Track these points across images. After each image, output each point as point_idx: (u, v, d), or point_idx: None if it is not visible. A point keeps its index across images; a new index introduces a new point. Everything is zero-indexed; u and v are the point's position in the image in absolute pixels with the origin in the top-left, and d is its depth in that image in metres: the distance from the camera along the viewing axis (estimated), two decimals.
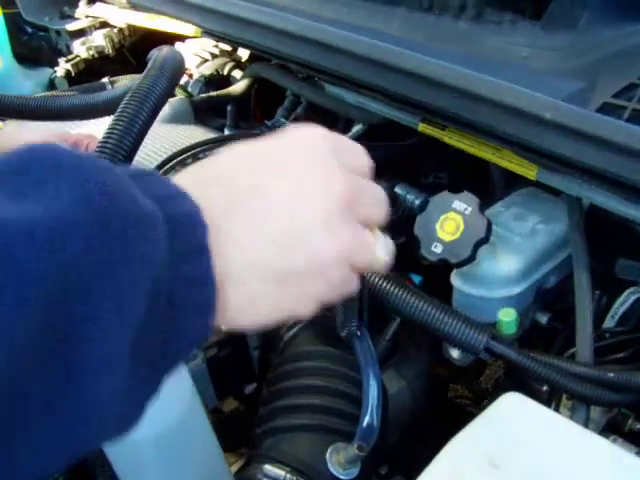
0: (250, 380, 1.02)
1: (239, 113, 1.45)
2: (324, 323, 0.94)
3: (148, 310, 0.40)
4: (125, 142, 0.66)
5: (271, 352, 1.03)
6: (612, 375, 0.82)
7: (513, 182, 1.15)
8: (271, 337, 1.02)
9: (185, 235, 0.43)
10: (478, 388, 1.84)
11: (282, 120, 1.35)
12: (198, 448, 0.83)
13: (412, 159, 1.31)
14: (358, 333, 0.85)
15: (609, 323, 1.00)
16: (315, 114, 1.40)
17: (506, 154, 1.00)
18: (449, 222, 0.91)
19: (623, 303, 0.98)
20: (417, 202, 1.14)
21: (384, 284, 0.87)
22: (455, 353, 1.01)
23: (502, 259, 0.96)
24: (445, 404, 1.35)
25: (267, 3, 1.06)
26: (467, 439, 0.60)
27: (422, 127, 1.08)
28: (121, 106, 0.70)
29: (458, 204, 0.92)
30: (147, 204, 0.42)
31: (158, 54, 0.77)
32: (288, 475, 0.84)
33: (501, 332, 0.88)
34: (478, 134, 0.97)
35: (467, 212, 0.91)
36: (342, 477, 0.85)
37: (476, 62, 0.88)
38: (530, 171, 0.97)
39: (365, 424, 0.82)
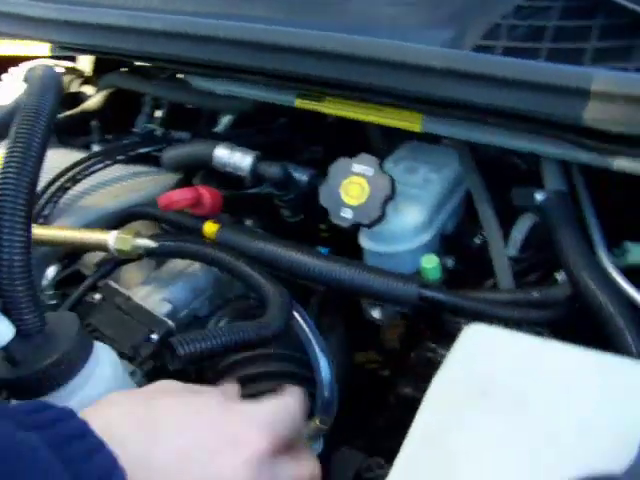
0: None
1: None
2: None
3: None
4: (26, 168, 0.63)
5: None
6: (537, 294, 0.86)
7: (391, 142, 1.18)
8: None
9: None
10: (389, 346, 1.88)
11: (148, 126, 1.31)
12: None
13: (285, 140, 1.32)
14: (294, 312, 0.85)
15: (511, 252, 1.06)
16: (179, 114, 1.38)
17: (388, 112, 1.03)
18: (353, 186, 0.93)
19: (520, 230, 1.04)
20: (305, 178, 1.15)
21: (306, 257, 0.87)
22: (376, 313, 1.03)
23: (406, 212, 0.98)
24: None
25: (122, 6, 1.03)
26: (446, 378, 0.62)
27: (299, 103, 1.09)
28: (13, 130, 0.66)
29: (358, 167, 0.94)
30: None
31: (34, 73, 0.73)
32: None
33: (427, 279, 0.90)
34: (358, 98, 1.00)
35: (369, 173, 0.93)
36: None
37: (347, 27, 0.89)
38: (415, 124, 1.00)
39: (323, 398, 0.83)
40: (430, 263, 0.90)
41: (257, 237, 0.93)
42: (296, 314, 0.86)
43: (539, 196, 0.96)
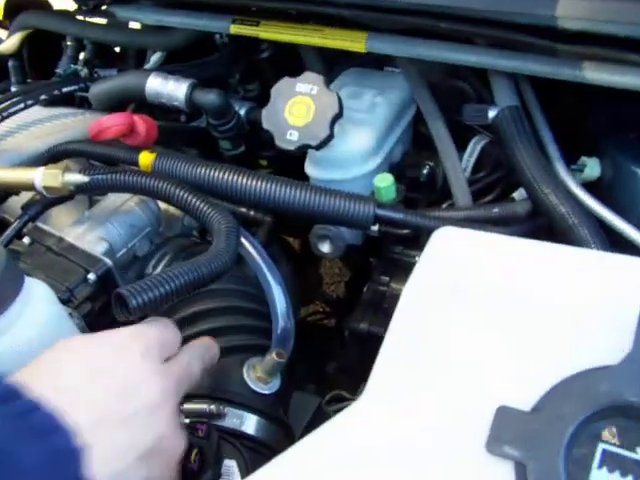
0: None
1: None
2: None
3: None
4: None
5: None
6: (497, 210, 0.83)
7: (331, 72, 1.12)
8: None
9: None
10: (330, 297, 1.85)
11: (73, 67, 1.22)
12: None
13: (219, 76, 1.24)
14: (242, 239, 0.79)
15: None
16: (105, 55, 1.29)
17: (330, 33, 0.97)
18: (297, 106, 0.87)
19: (472, 154, 1.01)
20: (243, 111, 1.09)
21: (255, 182, 0.81)
22: (325, 247, 0.98)
23: (353, 137, 0.93)
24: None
25: None
26: (421, 280, 0.58)
27: (234, 29, 1.02)
28: None
29: (302, 86, 0.88)
30: None
31: None
32: (212, 406, 0.77)
33: (382, 199, 0.86)
34: (296, 19, 0.94)
35: (314, 91, 0.87)
36: (266, 392, 0.80)
37: None
38: (358, 44, 0.95)
39: (279, 329, 0.77)
40: (384, 182, 0.85)
41: (200, 164, 0.86)
42: (244, 241, 0.80)
43: (492, 112, 0.92)
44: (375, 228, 0.98)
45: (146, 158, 0.88)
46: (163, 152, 0.89)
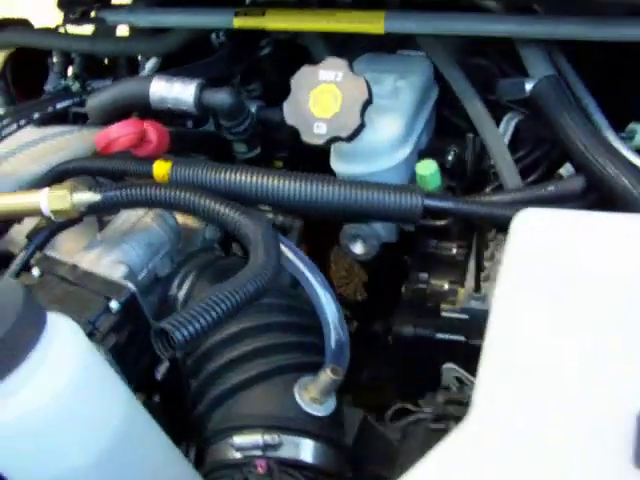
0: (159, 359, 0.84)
1: None
2: None
3: None
4: None
5: None
6: (553, 188, 0.76)
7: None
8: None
9: None
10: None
11: (63, 82, 1.14)
12: (148, 455, 0.65)
13: (221, 77, 1.17)
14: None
15: None
16: (93, 67, 1.21)
17: (343, 16, 0.89)
18: (322, 96, 0.80)
19: (505, 132, 0.93)
20: (253, 109, 1.01)
21: (290, 182, 0.74)
22: (358, 248, 0.91)
23: (381, 125, 0.86)
24: None
25: None
26: (514, 273, 0.50)
27: (238, 22, 0.95)
28: None
29: (325, 73, 0.80)
30: None
31: None
32: (266, 436, 0.69)
33: (428, 188, 0.78)
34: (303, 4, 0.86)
35: (339, 78, 0.79)
36: (322, 414, 0.72)
37: None
38: (376, 24, 0.88)
39: (333, 342, 0.69)
40: (428, 169, 0.77)
41: (225, 168, 0.78)
42: (283, 248, 0.72)
43: (529, 85, 0.85)
44: None
45: (161, 168, 0.80)
46: (179, 159, 0.81)
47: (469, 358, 0.92)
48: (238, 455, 0.69)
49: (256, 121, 0.96)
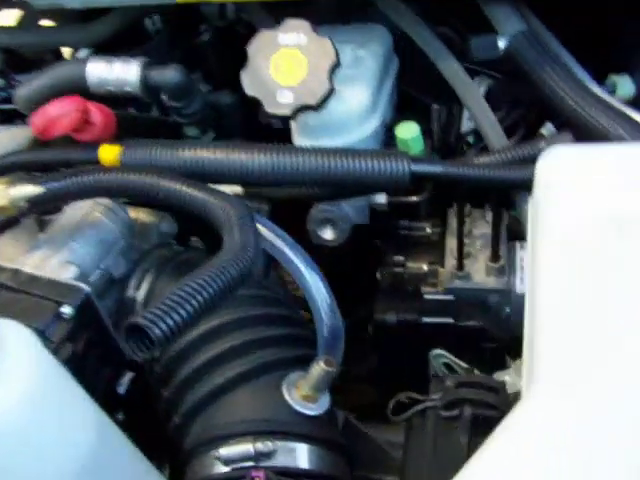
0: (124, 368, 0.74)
1: None
2: None
3: None
4: None
5: None
6: (544, 144, 0.70)
7: None
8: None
9: None
10: None
11: None
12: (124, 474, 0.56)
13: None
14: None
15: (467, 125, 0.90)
16: (16, 63, 1.10)
17: None
18: (284, 62, 0.72)
19: None
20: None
21: (269, 156, 0.66)
22: (328, 233, 0.84)
23: (347, 95, 0.79)
24: None
25: None
26: (556, 224, 0.43)
27: None
28: None
29: (286, 37, 0.72)
30: None
31: None
32: (257, 444, 0.60)
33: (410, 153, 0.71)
34: None
35: (302, 41, 0.72)
36: (316, 412, 0.64)
37: None
38: None
39: (326, 328, 0.61)
40: (410, 132, 0.71)
41: (188, 145, 0.69)
42: (262, 228, 0.63)
43: (502, 42, 0.79)
44: (383, 200, 0.84)
45: (108, 152, 0.70)
46: (129, 142, 0.72)
47: (460, 340, 0.87)
48: (226, 469, 0.61)
49: (208, 102, 0.88)
